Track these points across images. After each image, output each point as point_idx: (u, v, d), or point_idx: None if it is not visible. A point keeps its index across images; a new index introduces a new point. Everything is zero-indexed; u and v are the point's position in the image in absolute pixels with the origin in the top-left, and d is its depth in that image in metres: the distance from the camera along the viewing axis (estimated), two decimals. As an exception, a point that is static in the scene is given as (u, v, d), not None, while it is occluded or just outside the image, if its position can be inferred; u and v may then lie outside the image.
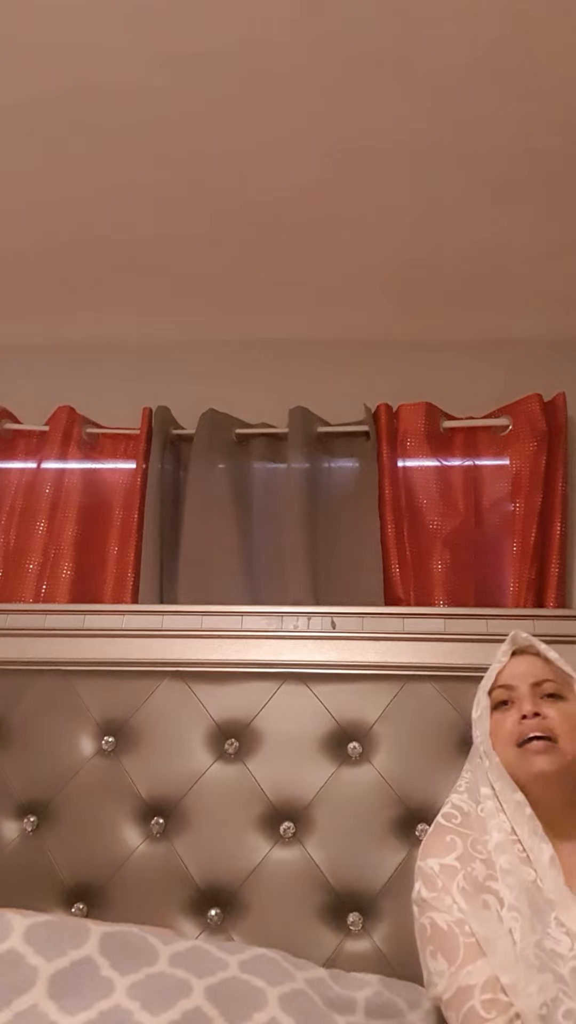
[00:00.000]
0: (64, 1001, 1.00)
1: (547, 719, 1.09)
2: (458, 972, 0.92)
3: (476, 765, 1.16)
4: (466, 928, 0.95)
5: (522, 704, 1.12)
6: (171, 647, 1.68)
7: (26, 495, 1.99)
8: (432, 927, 0.98)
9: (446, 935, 0.96)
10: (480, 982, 0.90)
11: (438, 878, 1.01)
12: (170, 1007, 1.01)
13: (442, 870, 1.02)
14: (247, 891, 1.43)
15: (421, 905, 1.02)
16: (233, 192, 1.68)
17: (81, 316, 2.11)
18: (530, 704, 1.11)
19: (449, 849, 1.05)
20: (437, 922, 0.98)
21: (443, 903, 0.99)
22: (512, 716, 1.12)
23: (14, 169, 1.65)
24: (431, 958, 0.97)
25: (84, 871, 1.47)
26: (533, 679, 1.15)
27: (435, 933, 0.97)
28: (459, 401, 2.00)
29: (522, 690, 1.14)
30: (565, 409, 1.92)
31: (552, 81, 1.41)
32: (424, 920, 1.00)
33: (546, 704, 1.12)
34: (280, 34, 1.35)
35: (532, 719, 1.09)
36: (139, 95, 1.47)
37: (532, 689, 1.14)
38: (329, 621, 1.68)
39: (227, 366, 2.14)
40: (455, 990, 0.92)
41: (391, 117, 1.49)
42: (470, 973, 0.91)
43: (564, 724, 1.09)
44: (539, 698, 1.13)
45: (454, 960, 0.93)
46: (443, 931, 0.96)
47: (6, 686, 1.66)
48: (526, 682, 1.15)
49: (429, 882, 1.02)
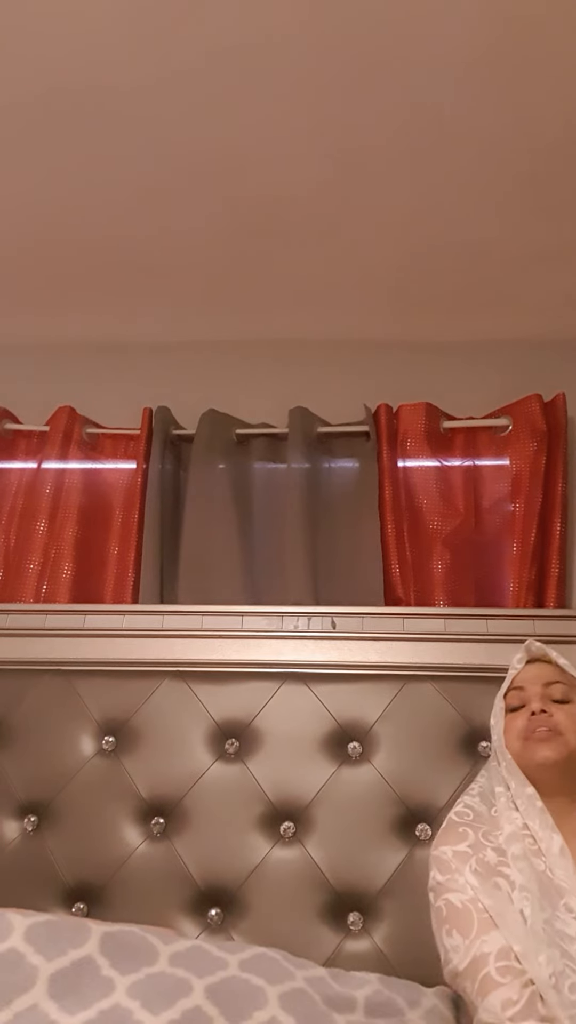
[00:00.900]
0: (64, 1001, 1.00)
1: (553, 716, 1.16)
2: (473, 943, 0.96)
3: (492, 770, 1.22)
4: (479, 905, 1.00)
5: (531, 703, 1.19)
6: (171, 647, 1.68)
7: (26, 495, 1.99)
8: (448, 907, 1.02)
9: (461, 912, 1.00)
10: (495, 950, 0.94)
11: (451, 862, 1.06)
12: (170, 1006, 1.01)
13: (455, 855, 1.07)
14: (247, 891, 1.43)
15: (436, 889, 1.06)
16: (233, 192, 1.68)
17: (81, 316, 2.11)
18: (539, 702, 1.18)
19: (461, 838, 1.10)
20: (452, 901, 1.02)
21: (456, 883, 1.03)
22: (523, 714, 1.19)
23: (14, 169, 1.65)
24: (447, 936, 1.00)
25: (84, 871, 1.47)
26: (543, 681, 1.22)
27: (450, 912, 1.01)
28: (459, 401, 2.00)
29: (532, 691, 1.21)
30: (565, 409, 1.92)
31: (552, 82, 1.41)
32: (440, 903, 1.04)
33: (553, 706, 1.19)
34: (280, 34, 1.35)
35: (540, 715, 1.16)
36: (139, 95, 1.47)
37: (542, 690, 1.21)
38: (329, 621, 1.68)
39: (227, 366, 2.14)
40: (470, 959, 0.95)
41: (391, 117, 1.49)
42: (484, 942, 0.96)
43: (569, 721, 1.16)
44: (548, 700, 1.19)
45: (468, 933, 0.98)
46: (458, 909, 1.01)
47: (7, 686, 1.66)
48: (536, 684, 1.22)
49: (443, 866, 1.07)
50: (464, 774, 1.47)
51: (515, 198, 1.67)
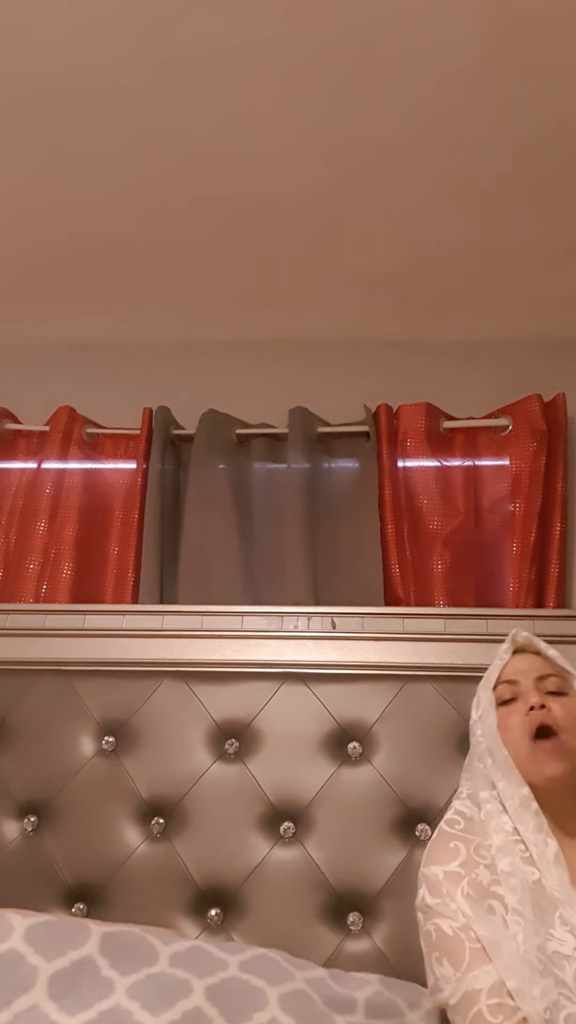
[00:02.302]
0: (64, 1001, 1.00)
1: (552, 711, 1.12)
2: (464, 977, 0.92)
3: (475, 769, 1.18)
4: (471, 934, 0.95)
5: (528, 697, 1.14)
6: (171, 647, 1.68)
7: (26, 495, 1.99)
8: (438, 933, 0.98)
9: (452, 941, 0.96)
10: (486, 986, 0.90)
11: (442, 885, 1.02)
12: (170, 1007, 1.01)
13: (446, 877, 1.02)
14: (247, 891, 1.43)
15: (426, 912, 1.02)
16: (233, 192, 1.68)
17: (81, 316, 2.11)
18: (536, 696, 1.14)
19: (452, 855, 1.05)
20: (443, 928, 0.98)
21: (448, 909, 0.99)
22: (519, 709, 1.14)
23: (13, 169, 1.65)
24: (437, 964, 0.97)
25: (84, 871, 1.47)
26: (536, 674, 1.18)
27: (440, 939, 0.97)
28: (459, 401, 2.00)
29: (526, 684, 1.16)
30: (565, 409, 1.92)
31: (550, 81, 1.41)
32: (429, 926, 1.00)
33: (549, 699, 1.14)
34: (276, 34, 1.35)
35: (539, 710, 1.12)
36: (138, 94, 1.47)
37: (536, 683, 1.16)
38: (329, 621, 1.68)
39: (227, 366, 2.14)
40: (461, 995, 0.92)
41: (390, 117, 1.49)
42: (476, 977, 0.92)
43: (567, 719, 1.12)
44: (543, 693, 1.15)
45: (460, 965, 0.94)
46: (448, 937, 0.97)
47: (7, 686, 1.66)
48: (529, 677, 1.17)
49: (434, 888, 1.02)
50: (464, 774, 1.47)
51: (515, 198, 1.66)
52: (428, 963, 0.99)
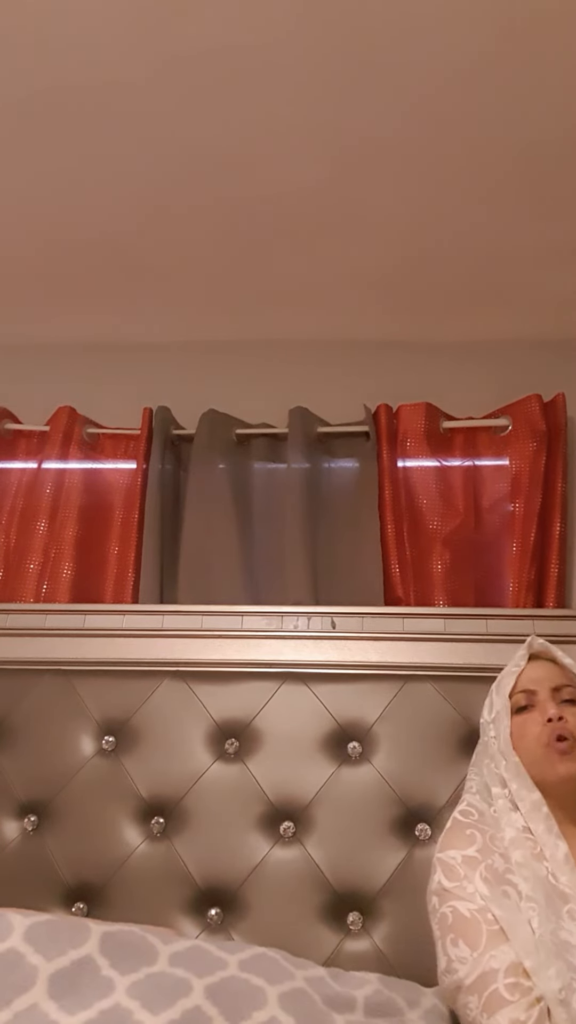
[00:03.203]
0: (64, 1000, 1.00)
1: (568, 722, 1.14)
2: (481, 957, 0.94)
3: (485, 766, 1.20)
4: (488, 916, 0.98)
5: (545, 707, 1.16)
6: (171, 647, 1.68)
7: (27, 495, 1.99)
8: (454, 915, 1.00)
9: (469, 922, 0.98)
10: (504, 966, 0.92)
11: (460, 867, 1.04)
12: (170, 1006, 1.01)
13: (464, 860, 1.04)
14: (247, 891, 1.43)
15: (442, 895, 1.03)
16: (233, 192, 1.68)
17: (81, 316, 2.12)
18: (554, 708, 1.15)
19: (469, 841, 1.08)
20: (460, 910, 0.99)
21: (465, 891, 1.01)
22: (535, 718, 1.16)
23: (12, 168, 1.65)
24: (452, 945, 0.98)
25: (84, 870, 1.47)
26: (552, 684, 1.19)
27: (457, 920, 0.99)
28: (459, 401, 2.00)
29: (543, 694, 1.18)
30: (565, 409, 1.92)
31: (549, 82, 1.41)
32: (445, 909, 1.01)
33: (565, 709, 1.16)
34: (278, 35, 1.35)
35: (558, 722, 1.13)
36: (138, 93, 1.47)
37: (552, 694, 1.18)
38: (329, 621, 1.69)
39: (227, 366, 2.14)
40: (478, 974, 0.93)
41: (390, 116, 1.49)
42: (493, 957, 0.94)
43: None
44: (559, 703, 1.17)
45: (477, 946, 0.95)
46: (466, 919, 0.98)
47: (7, 686, 1.66)
48: (546, 687, 1.19)
49: (450, 872, 1.04)
50: (464, 774, 1.47)
51: (515, 198, 1.67)
52: (442, 946, 1.01)
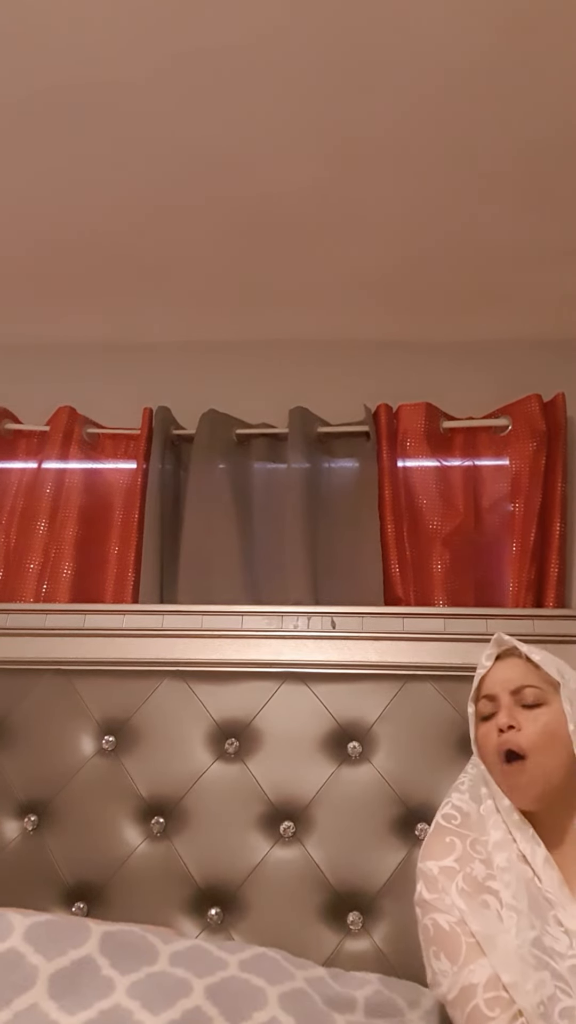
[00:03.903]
0: (64, 1000, 1.00)
1: (520, 731, 1.08)
2: (460, 971, 0.94)
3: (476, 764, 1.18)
4: (466, 928, 0.97)
5: (499, 717, 1.10)
6: (171, 647, 1.68)
7: (27, 495, 1.99)
8: (435, 927, 0.99)
9: (448, 935, 0.98)
10: (483, 980, 0.92)
11: (438, 880, 1.03)
12: (170, 1006, 1.01)
13: (441, 872, 1.03)
14: (247, 890, 1.43)
15: (423, 906, 1.03)
16: (233, 191, 1.68)
17: (81, 316, 2.11)
18: (505, 716, 1.09)
19: (448, 850, 1.06)
20: (440, 923, 0.99)
21: (444, 904, 1.00)
22: (494, 729, 1.11)
23: (11, 168, 1.65)
24: (434, 958, 0.98)
25: (84, 870, 1.47)
26: (513, 686, 1.12)
27: (438, 934, 0.99)
28: (459, 401, 2.00)
29: (503, 699, 1.12)
30: (565, 409, 1.92)
31: (550, 81, 1.41)
32: (427, 921, 1.01)
33: (523, 713, 1.10)
34: (277, 34, 1.34)
35: (507, 732, 1.08)
36: (137, 93, 1.47)
37: (511, 698, 1.12)
38: (329, 621, 1.69)
39: (227, 366, 2.14)
40: (459, 989, 0.93)
41: (390, 116, 1.49)
42: (472, 972, 0.93)
43: (539, 737, 1.07)
44: (518, 707, 1.11)
45: (456, 960, 0.95)
46: (445, 932, 0.98)
47: (7, 686, 1.66)
48: (506, 690, 1.12)
49: (430, 884, 1.04)
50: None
51: (515, 198, 1.66)
52: (426, 957, 1.01)
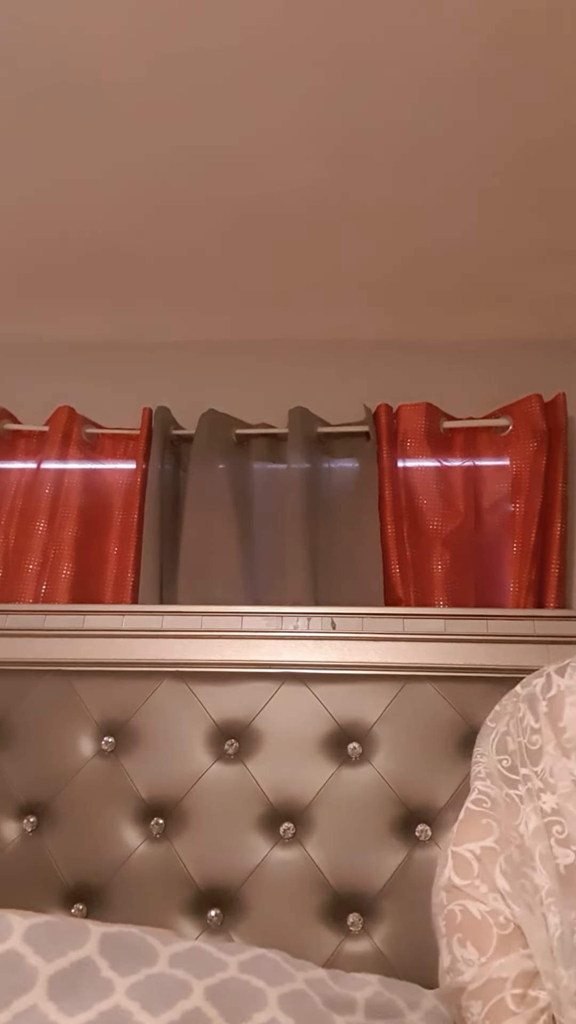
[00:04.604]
0: (64, 1002, 1.00)
1: None
2: (489, 964, 0.92)
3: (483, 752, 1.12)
4: (500, 919, 0.94)
5: None
6: (171, 647, 1.68)
7: (26, 495, 1.99)
8: (464, 914, 0.97)
9: (479, 924, 0.95)
10: (512, 976, 0.90)
11: (476, 862, 1.00)
12: (170, 1008, 1.01)
13: (483, 852, 1.00)
14: (247, 891, 1.43)
15: (451, 891, 0.99)
16: (232, 191, 1.68)
17: (81, 316, 2.11)
18: None
19: (487, 832, 1.02)
20: (470, 910, 0.96)
21: (478, 891, 0.97)
22: None
23: (11, 167, 1.64)
24: (459, 945, 0.95)
25: (84, 871, 1.47)
26: None
27: (466, 920, 0.96)
28: (459, 401, 2.00)
29: None
30: (565, 409, 1.92)
31: (549, 81, 1.41)
32: (455, 907, 0.98)
33: None
34: (274, 33, 1.34)
35: None
36: (136, 92, 1.47)
37: None
38: (329, 621, 1.68)
39: (227, 366, 2.14)
40: (485, 981, 0.91)
41: (390, 116, 1.49)
42: (503, 966, 0.91)
43: None
44: None
45: (486, 951, 0.93)
46: (476, 920, 0.95)
47: (6, 686, 1.66)
48: None
49: (464, 868, 1.00)
50: (464, 774, 1.47)
51: (515, 197, 1.66)
52: (447, 944, 0.97)
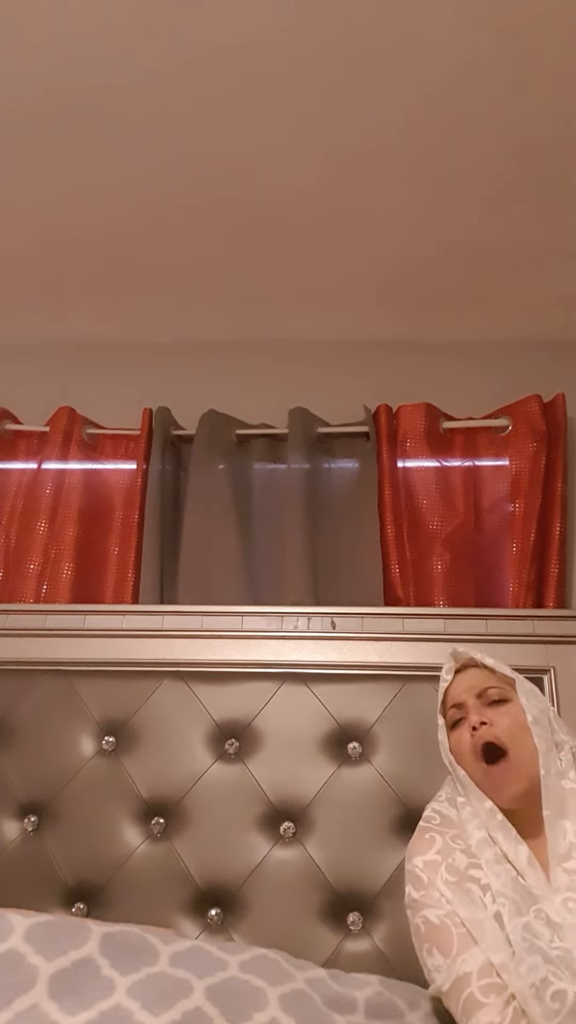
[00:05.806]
0: (65, 1001, 1.00)
1: (494, 726, 1.13)
2: (454, 962, 0.96)
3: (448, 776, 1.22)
4: (456, 919, 0.99)
5: (470, 717, 1.16)
6: (171, 647, 1.68)
7: (27, 496, 1.99)
8: (425, 924, 1.02)
9: (439, 929, 1.00)
10: (476, 968, 0.94)
11: (423, 874, 1.06)
12: (170, 1007, 1.01)
13: (425, 866, 1.06)
14: (247, 891, 1.43)
15: (413, 906, 1.06)
16: (232, 192, 1.68)
17: (81, 316, 2.12)
18: (476, 715, 1.15)
19: (429, 845, 1.09)
20: (429, 918, 1.01)
21: (432, 898, 1.03)
22: (466, 731, 1.16)
23: (14, 169, 1.65)
24: (428, 955, 1.00)
25: (84, 871, 1.47)
26: (476, 691, 1.18)
27: (428, 930, 1.01)
28: (459, 402, 2.00)
29: (470, 702, 1.18)
30: (564, 409, 1.92)
31: (549, 82, 1.41)
32: (418, 920, 1.04)
33: (491, 710, 1.16)
34: (278, 35, 1.35)
35: (480, 728, 1.13)
36: (137, 94, 1.47)
37: (477, 701, 1.18)
38: (329, 621, 1.68)
39: (227, 366, 2.14)
40: (453, 980, 0.95)
41: (390, 117, 1.49)
42: (465, 961, 0.95)
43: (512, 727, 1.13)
44: (485, 707, 1.17)
45: (449, 952, 0.97)
46: (435, 926, 1.00)
47: (7, 686, 1.66)
48: (471, 695, 1.18)
49: (416, 882, 1.06)
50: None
51: (515, 199, 1.67)
52: (421, 957, 1.02)
